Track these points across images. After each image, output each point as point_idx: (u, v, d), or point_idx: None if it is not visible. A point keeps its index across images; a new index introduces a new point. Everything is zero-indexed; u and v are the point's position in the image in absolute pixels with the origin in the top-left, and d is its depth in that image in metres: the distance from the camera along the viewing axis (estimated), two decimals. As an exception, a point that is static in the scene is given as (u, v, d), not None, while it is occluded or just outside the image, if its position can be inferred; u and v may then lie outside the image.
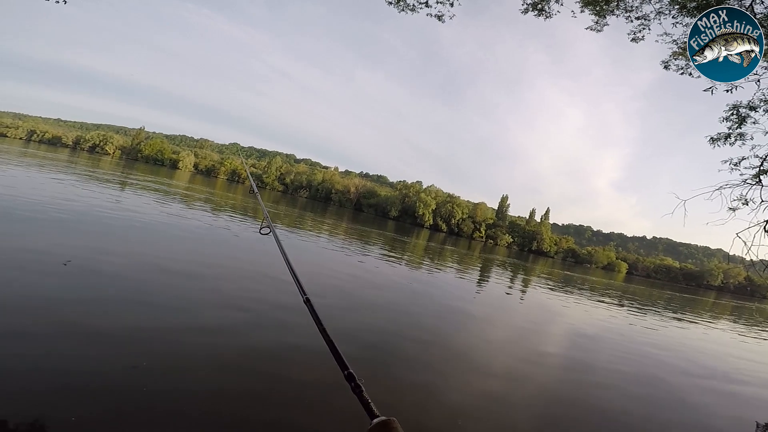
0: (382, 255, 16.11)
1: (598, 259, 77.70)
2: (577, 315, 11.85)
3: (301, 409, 3.23)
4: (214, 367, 3.59)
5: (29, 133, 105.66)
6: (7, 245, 5.80)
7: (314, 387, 3.54)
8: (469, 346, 6.29)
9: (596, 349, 7.71)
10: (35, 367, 2.98)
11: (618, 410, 4.81)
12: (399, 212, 78.15)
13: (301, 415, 3.14)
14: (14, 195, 10.04)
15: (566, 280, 26.57)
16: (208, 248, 9.26)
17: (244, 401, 3.15)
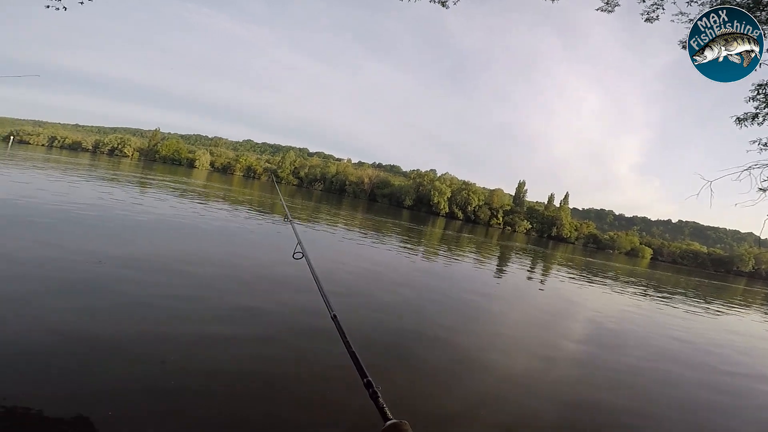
0: (398, 245, 15.98)
1: (621, 244, 75.58)
2: (600, 304, 11.51)
3: (319, 408, 3.19)
4: (237, 360, 3.59)
5: (50, 139, 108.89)
6: (52, 246, 5.89)
7: (333, 388, 3.47)
8: (489, 336, 6.15)
9: (619, 339, 7.43)
10: (68, 364, 3.02)
11: (642, 401, 4.60)
12: (414, 201, 77.72)
13: (318, 414, 3.10)
14: (60, 199, 10.28)
15: (588, 267, 25.97)
16: (231, 245, 9.30)
17: (264, 398, 3.12)
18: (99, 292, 4.71)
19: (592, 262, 32.37)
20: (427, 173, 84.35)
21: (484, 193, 79.87)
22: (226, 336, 4.08)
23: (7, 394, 2.56)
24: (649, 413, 4.30)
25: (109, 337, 3.58)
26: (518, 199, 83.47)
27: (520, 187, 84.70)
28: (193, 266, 6.62)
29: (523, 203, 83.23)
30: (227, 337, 4.05)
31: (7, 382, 2.70)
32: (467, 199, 76.73)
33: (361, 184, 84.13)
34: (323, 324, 3.88)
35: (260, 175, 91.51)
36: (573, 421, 3.82)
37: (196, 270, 6.44)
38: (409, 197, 78.05)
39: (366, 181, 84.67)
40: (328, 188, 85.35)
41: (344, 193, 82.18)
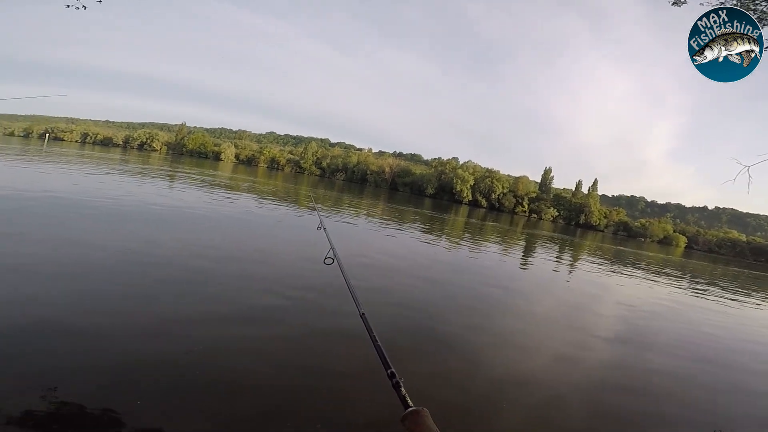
0: (420, 234, 15.85)
1: (653, 232, 72.39)
2: (630, 295, 11.04)
3: (341, 396, 3.18)
4: (260, 350, 3.61)
5: (83, 135, 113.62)
6: (100, 237, 6.13)
7: (354, 376, 3.46)
8: (513, 327, 5.98)
9: (650, 334, 7.06)
10: (101, 355, 3.09)
11: (674, 398, 4.35)
12: (436, 189, 76.98)
13: (340, 402, 3.10)
14: (98, 193, 10.72)
15: (618, 256, 25.09)
16: (257, 236, 9.43)
17: (287, 385, 3.13)
18: (132, 280, 4.84)
19: (622, 250, 31.26)
20: (449, 161, 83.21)
21: (509, 181, 78.16)
22: (252, 327, 4.11)
23: (39, 380, 2.64)
24: (678, 415, 4.03)
25: (135, 327, 3.66)
26: (544, 186, 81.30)
27: (546, 173, 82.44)
28: (220, 258, 6.73)
29: (549, 190, 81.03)
30: (253, 329, 4.08)
31: (41, 368, 2.78)
32: (491, 187, 75.31)
33: (382, 174, 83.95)
34: (350, 320, 3.83)
35: (283, 166, 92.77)
36: (597, 418, 3.65)
37: (224, 261, 6.54)
38: (431, 186, 77.35)
39: (387, 171, 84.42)
40: (349, 178, 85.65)
41: (366, 183, 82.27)
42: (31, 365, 2.80)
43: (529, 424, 3.33)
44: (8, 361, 2.81)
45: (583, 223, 73.42)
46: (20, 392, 2.50)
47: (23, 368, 2.76)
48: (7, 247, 5.33)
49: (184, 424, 2.53)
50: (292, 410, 2.85)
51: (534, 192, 78.57)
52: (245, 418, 2.69)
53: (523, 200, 75.49)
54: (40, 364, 2.84)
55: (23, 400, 2.42)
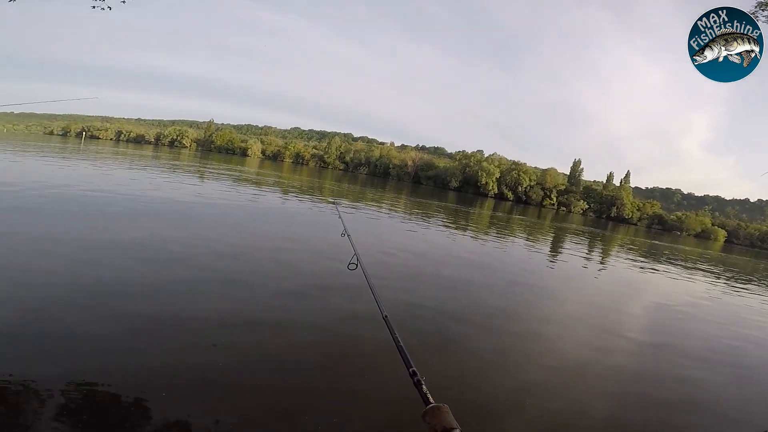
0: (444, 227, 15.72)
1: (690, 225, 68.69)
2: (663, 291, 10.60)
3: (363, 391, 3.20)
4: (283, 347, 3.67)
5: (117, 133, 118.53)
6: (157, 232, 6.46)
7: (376, 372, 3.46)
8: (538, 327, 5.78)
9: (684, 333, 6.73)
10: (128, 348, 3.20)
11: (707, 400, 4.14)
12: (460, 183, 75.95)
13: (362, 397, 3.12)
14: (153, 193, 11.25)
15: (652, 250, 24.07)
16: (282, 229, 9.63)
17: (308, 381, 3.17)
18: (158, 273, 5.04)
19: (656, 244, 29.97)
20: (474, 154, 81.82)
21: (536, 173, 76.10)
22: (275, 323, 4.16)
23: (66, 370, 2.75)
24: (710, 429, 3.78)
25: (165, 318, 3.80)
26: (573, 179, 78.72)
27: (576, 165, 79.75)
28: (246, 255, 6.91)
29: (578, 182, 78.39)
30: (276, 325, 4.13)
31: (67, 359, 2.91)
32: (517, 179, 73.60)
33: (404, 167, 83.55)
34: (373, 320, 3.84)
35: (308, 161, 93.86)
36: (623, 419, 3.51)
37: (248, 259, 6.71)
38: (455, 179, 76.36)
39: (410, 164, 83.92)
40: (372, 172, 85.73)
41: (388, 176, 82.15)
42: (60, 360, 2.91)
43: (549, 428, 3.23)
44: (40, 355, 2.94)
45: (614, 216, 70.68)
46: (52, 386, 2.59)
47: (50, 364, 2.86)
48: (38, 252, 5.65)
49: (208, 416, 2.58)
50: (312, 404, 2.89)
51: (563, 184, 76.20)
52: (267, 411, 2.75)
53: (551, 193, 73.38)
54: (68, 358, 2.95)
55: (56, 394, 2.51)
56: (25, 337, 3.15)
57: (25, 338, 3.14)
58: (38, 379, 2.62)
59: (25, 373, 2.65)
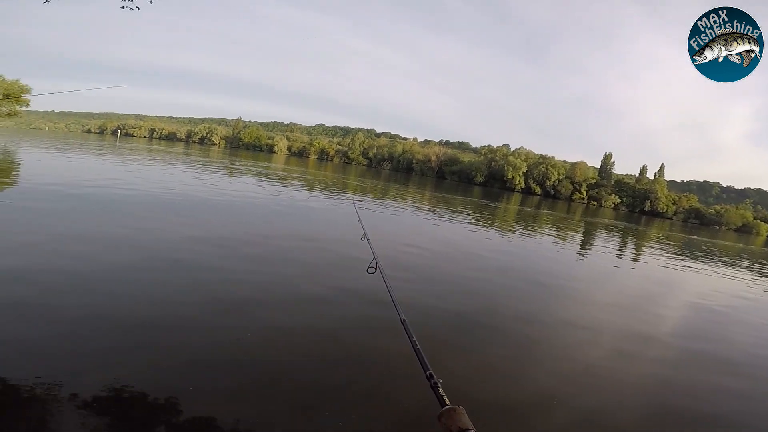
0: (468, 223, 15.58)
1: (730, 219, 64.86)
2: (702, 289, 10.09)
3: (381, 390, 3.20)
4: (301, 344, 3.69)
5: (150, 131, 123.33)
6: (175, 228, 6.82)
7: (395, 373, 3.42)
8: (565, 325, 5.57)
9: (723, 334, 6.37)
10: (150, 339, 3.34)
11: (747, 417, 3.80)
12: (485, 177, 74.77)
13: (380, 396, 3.12)
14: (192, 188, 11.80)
15: (689, 246, 23.00)
16: (307, 224, 9.85)
17: (328, 380, 3.24)
18: (188, 271, 5.27)
19: (693, 239, 28.58)
20: (500, 148, 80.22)
21: (565, 167, 73.89)
22: (296, 323, 4.14)
23: (96, 366, 2.87)
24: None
25: (189, 315, 3.90)
26: (604, 172, 75.94)
27: (607, 159, 76.87)
28: (270, 251, 7.11)
29: (610, 176, 75.58)
30: (296, 325, 4.10)
31: (96, 354, 3.02)
32: (545, 174, 71.73)
33: (428, 162, 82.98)
34: (392, 322, 3.84)
35: (332, 157, 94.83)
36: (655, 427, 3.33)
37: (274, 255, 6.91)
38: (480, 173, 75.23)
39: (433, 159, 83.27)
40: (395, 167, 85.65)
41: (411, 172, 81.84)
42: (94, 351, 3.06)
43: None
44: (73, 344, 3.10)
45: (648, 211, 67.77)
46: (80, 375, 2.74)
47: (82, 352, 3.01)
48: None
49: (231, 409, 2.65)
50: (330, 404, 2.90)
51: (593, 178, 73.68)
52: (287, 409, 2.80)
53: (581, 187, 71.10)
54: (101, 348, 3.10)
55: (84, 382, 2.65)
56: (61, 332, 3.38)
57: (62, 333, 3.37)
58: (71, 365, 2.79)
59: (62, 369, 2.79)
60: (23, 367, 2.73)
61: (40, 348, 2.97)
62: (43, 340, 3.08)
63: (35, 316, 3.42)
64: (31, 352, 2.91)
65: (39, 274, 4.29)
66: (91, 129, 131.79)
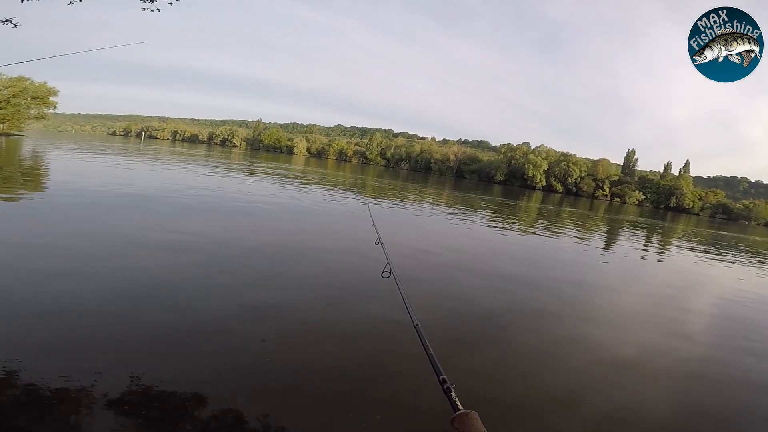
0: (487, 221, 15.65)
1: (759, 214, 62.08)
2: (731, 285, 9.84)
3: (394, 394, 3.17)
4: (318, 349, 3.66)
5: (173, 133, 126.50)
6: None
7: (409, 378, 3.35)
8: (585, 329, 5.38)
9: (754, 331, 6.15)
10: (177, 341, 3.38)
11: None
12: (505, 176, 73.98)
13: (393, 400, 3.09)
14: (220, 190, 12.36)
15: (717, 241, 22.31)
16: (321, 227, 10.19)
17: (344, 381, 3.21)
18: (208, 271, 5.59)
19: (722, 235, 27.70)
20: (520, 146, 79.19)
21: (587, 164, 72.36)
22: (311, 326, 4.10)
23: (120, 369, 2.86)
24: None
25: (214, 317, 3.94)
26: (627, 169, 74.02)
27: (630, 155, 74.92)
28: (288, 253, 7.44)
29: (633, 173, 73.60)
30: (311, 328, 4.08)
31: (122, 359, 3.00)
32: (567, 171, 70.43)
33: (446, 162, 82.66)
34: (405, 326, 3.90)
35: (351, 157, 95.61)
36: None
37: (292, 257, 7.20)
38: (500, 172, 74.47)
39: (452, 158, 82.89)
40: (413, 167, 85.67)
41: (430, 171, 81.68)
42: (120, 350, 3.11)
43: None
44: (97, 345, 3.16)
45: (673, 207, 65.67)
46: (102, 375, 2.75)
47: (108, 353, 3.05)
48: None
49: (249, 410, 2.67)
50: (344, 409, 2.89)
51: (616, 175, 71.90)
52: (299, 411, 2.79)
53: (604, 184, 69.51)
54: (131, 349, 3.14)
55: (109, 384, 2.66)
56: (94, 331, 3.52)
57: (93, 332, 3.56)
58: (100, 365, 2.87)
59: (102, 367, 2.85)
60: (52, 363, 2.82)
61: (75, 346, 3.11)
62: (76, 339, 3.23)
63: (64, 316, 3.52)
64: (62, 349, 3.03)
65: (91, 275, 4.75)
66: (116, 131, 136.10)
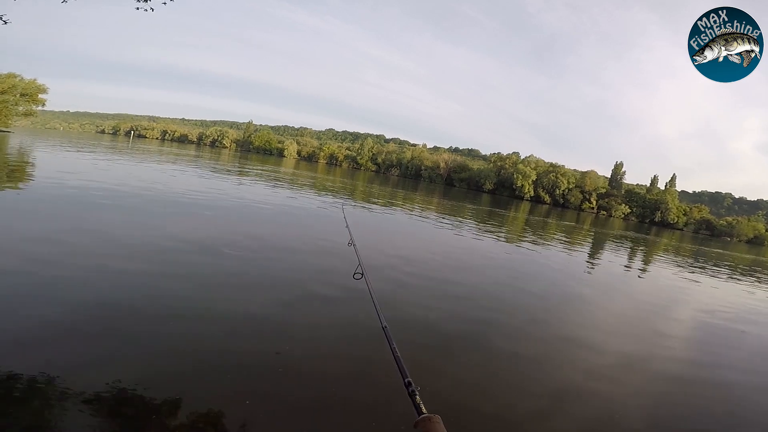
0: (475, 230, 15.62)
1: (741, 231, 63.77)
2: (711, 300, 10.01)
3: (359, 400, 3.10)
4: (285, 351, 3.59)
5: (162, 133, 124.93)
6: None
7: (376, 381, 3.33)
8: (574, 329, 5.65)
9: (732, 344, 6.38)
10: (188, 349, 3.36)
11: (750, 412, 3.95)
12: (494, 185, 74.58)
13: (358, 408, 3.02)
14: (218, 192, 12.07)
15: (699, 257, 22.68)
16: (296, 228, 10.00)
17: (309, 385, 3.18)
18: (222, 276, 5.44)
19: (704, 250, 28.20)
20: (510, 156, 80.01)
21: (575, 176, 73.37)
22: (277, 328, 4.04)
23: (130, 375, 2.85)
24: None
25: (232, 322, 3.95)
26: (615, 182, 75.24)
27: (617, 168, 76.20)
28: (260, 254, 7.26)
29: (620, 186, 74.84)
30: (278, 330, 4.00)
31: (130, 365, 3.02)
32: (555, 182, 71.29)
33: (437, 169, 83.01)
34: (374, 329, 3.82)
35: (341, 162, 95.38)
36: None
37: (263, 258, 7.04)
38: (489, 181, 75.06)
39: (442, 166, 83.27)
40: (404, 173, 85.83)
41: (420, 178, 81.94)
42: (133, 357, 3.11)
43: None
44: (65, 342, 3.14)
45: (658, 221, 66.93)
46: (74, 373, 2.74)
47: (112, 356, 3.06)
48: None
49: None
50: (309, 413, 2.86)
51: (603, 188, 73.04)
52: (265, 413, 2.75)
53: (591, 196, 70.51)
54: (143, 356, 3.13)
55: (83, 382, 2.66)
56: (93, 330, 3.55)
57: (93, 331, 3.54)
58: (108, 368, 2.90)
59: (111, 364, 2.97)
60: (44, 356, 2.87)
61: (74, 340, 3.17)
62: (72, 331, 3.29)
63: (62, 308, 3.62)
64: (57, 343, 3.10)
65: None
66: (104, 129, 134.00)
